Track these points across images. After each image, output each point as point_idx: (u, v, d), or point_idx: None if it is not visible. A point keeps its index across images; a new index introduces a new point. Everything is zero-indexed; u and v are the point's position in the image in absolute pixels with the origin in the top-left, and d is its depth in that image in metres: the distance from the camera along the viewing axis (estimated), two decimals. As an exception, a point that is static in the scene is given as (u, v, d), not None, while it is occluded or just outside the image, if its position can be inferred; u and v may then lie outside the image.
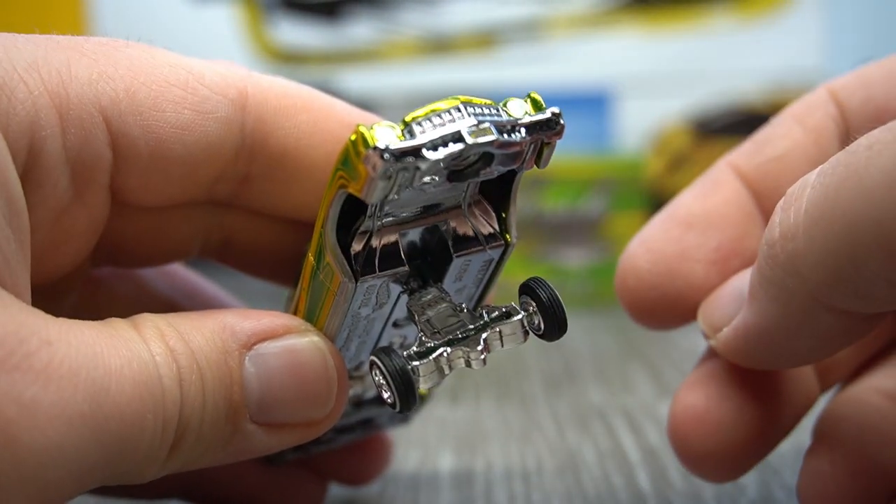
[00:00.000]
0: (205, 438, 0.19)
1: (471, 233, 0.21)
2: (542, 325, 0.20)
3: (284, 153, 0.22)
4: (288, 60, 0.72)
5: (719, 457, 0.22)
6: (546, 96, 0.21)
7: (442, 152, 0.18)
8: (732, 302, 0.21)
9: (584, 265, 0.52)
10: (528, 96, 0.19)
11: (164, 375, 0.18)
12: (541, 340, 0.21)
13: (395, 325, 0.22)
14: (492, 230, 0.21)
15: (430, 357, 0.20)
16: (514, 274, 0.41)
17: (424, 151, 0.18)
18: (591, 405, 0.34)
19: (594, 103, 0.71)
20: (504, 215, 0.21)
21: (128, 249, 0.23)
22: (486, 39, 0.71)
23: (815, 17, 0.70)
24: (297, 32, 0.72)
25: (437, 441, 0.31)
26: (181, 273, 0.26)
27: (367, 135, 0.17)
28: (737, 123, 0.71)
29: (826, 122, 0.24)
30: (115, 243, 0.22)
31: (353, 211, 0.20)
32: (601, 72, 0.71)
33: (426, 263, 0.21)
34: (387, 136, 0.18)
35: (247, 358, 0.20)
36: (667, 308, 0.23)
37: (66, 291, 0.22)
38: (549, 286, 0.20)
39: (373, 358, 0.19)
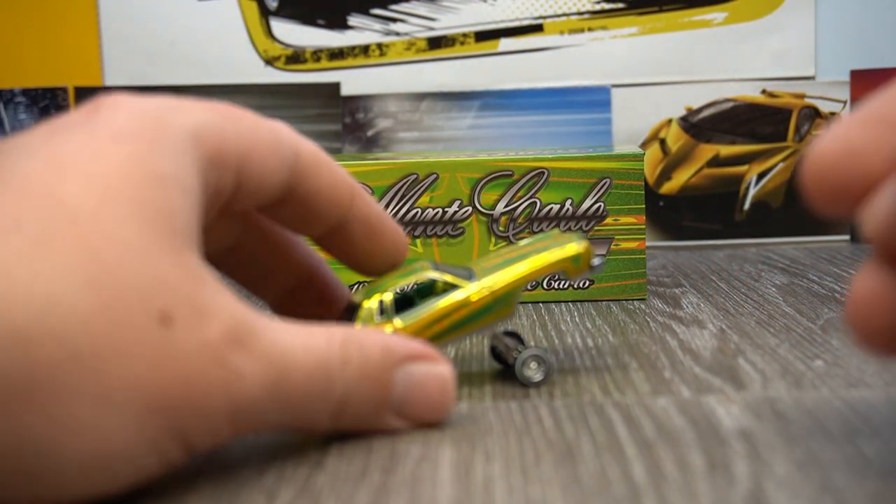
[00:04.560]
0: (358, 417, 0.30)
1: None
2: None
3: (308, 192, 0.33)
4: (289, 58, 0.72)
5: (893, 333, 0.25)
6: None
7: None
8: (886, 195, 0.24)
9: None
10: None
11: (335, 374, 0.29)
12: (541, 337, 0.24)
13: None
14: None
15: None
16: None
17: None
18: (589, 400, 0.35)
19: (593, 102, 0.71)
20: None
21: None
22: (486, 39, 0.71)
23: (809, 16, 0.70)
24: (298, 30, 0.72)
25: (438, 435, 0.32)
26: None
27: (592, 254, 0.36)
28: (735, 122, 0.71)
29: None
30: None
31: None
32: (601, 71, 0.71)
33: None
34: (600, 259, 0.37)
35: (397, 372, 0.31)
36: (845, 194, 0.25)
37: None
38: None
39: (539, 353, 0.37)
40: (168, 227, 0.27)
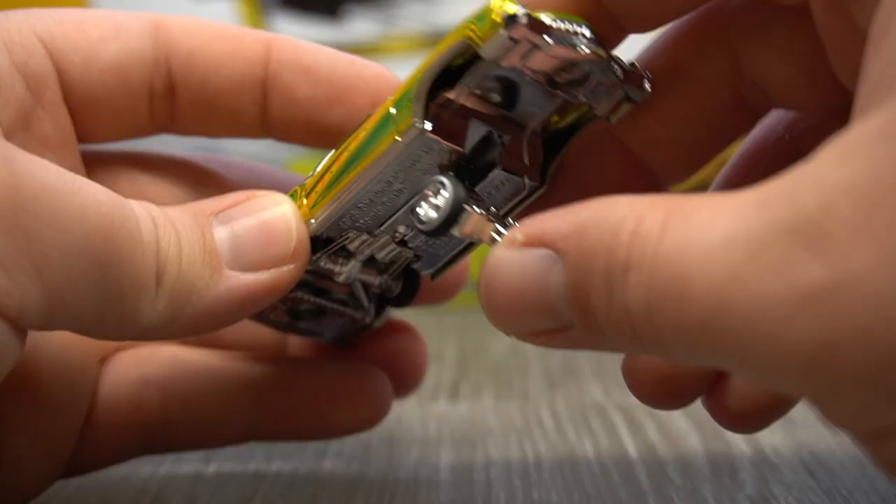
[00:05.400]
0: (187, 275, 0.23)
1: (518, 158, 0.23)
2: None
3: (190, 57, 0.26)
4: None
5: None
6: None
7: (561, 48, 0.20)
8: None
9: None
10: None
11: (140, 220, 0.22)
12: None
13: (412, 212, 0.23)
14: (535, 166, 0.23)
15: (480, 213, 0.21)
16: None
17: (546, 37, 0.20)
18: (591, 402, 0.35)
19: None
20: (549, 162, 0.23)
21: None
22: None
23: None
24: (296, 29, 0.72)
25: (437, 437, 0.31)
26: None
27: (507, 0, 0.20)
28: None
29: None
30: None
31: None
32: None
33: (468, 167, 0.23)
34: (522, 9, 0.20)
35: (214, 218, 0.24)
36: None
37: None
38: None
39: (444, 179, 0.21)
40: None
